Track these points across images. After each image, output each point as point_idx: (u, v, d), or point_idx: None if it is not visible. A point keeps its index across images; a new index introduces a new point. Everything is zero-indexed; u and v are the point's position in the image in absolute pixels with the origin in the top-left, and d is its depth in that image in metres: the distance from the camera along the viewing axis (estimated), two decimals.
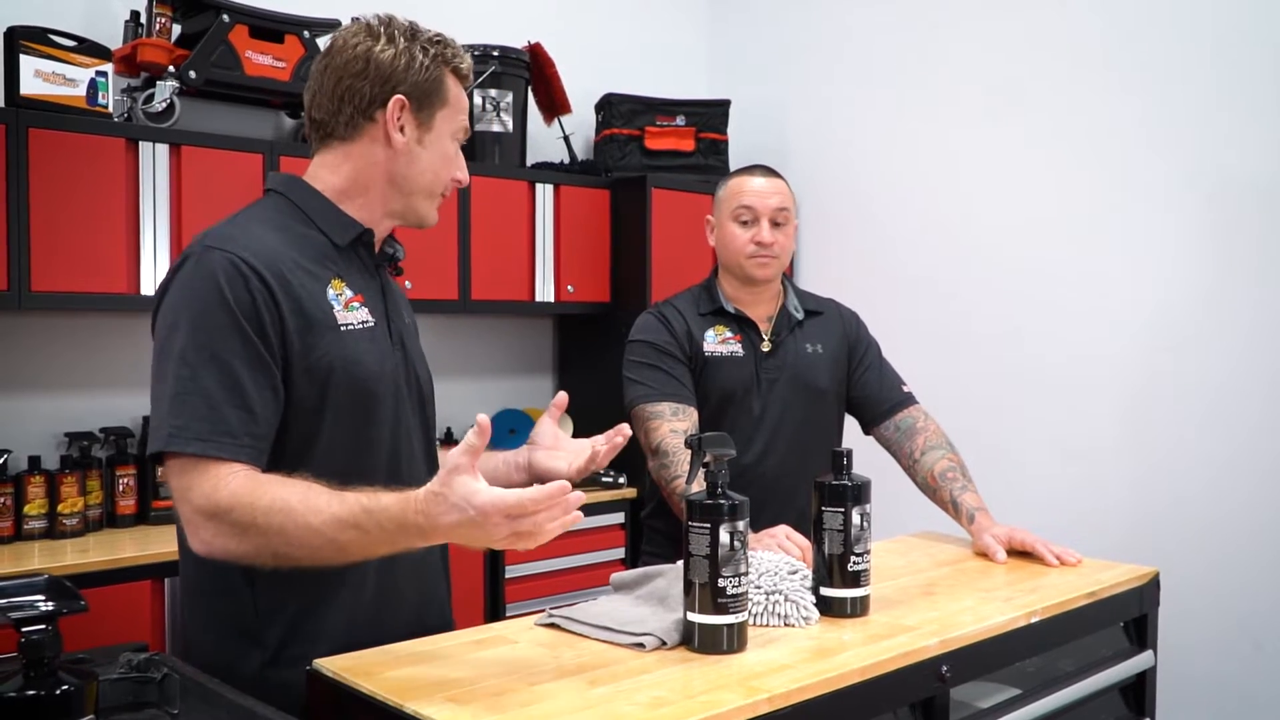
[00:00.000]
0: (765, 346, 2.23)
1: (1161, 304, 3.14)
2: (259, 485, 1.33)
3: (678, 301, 2.28)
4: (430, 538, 1.25)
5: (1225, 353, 3.02)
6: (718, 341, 2.20)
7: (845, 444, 2.28)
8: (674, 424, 2.09)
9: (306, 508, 1.29)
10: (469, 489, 1.20)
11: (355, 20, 1.56)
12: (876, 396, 2.26)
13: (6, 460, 2.69)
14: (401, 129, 1.51)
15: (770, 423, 2.19)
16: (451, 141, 1.57)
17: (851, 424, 2.33)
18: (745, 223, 2.20)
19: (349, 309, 1.49)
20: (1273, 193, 2.94)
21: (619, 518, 3.58)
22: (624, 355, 2.23)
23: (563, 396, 1.66)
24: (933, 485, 2.13)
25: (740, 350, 2.21)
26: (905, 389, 2.28)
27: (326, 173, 1.55)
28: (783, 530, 1.85)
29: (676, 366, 2.17)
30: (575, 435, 3.86)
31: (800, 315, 2.27)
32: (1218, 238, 3.04)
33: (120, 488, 2.84)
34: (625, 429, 1.60)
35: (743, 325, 2.23)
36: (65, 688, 1.00)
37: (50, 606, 1.02)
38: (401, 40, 1.51)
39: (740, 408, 2.19)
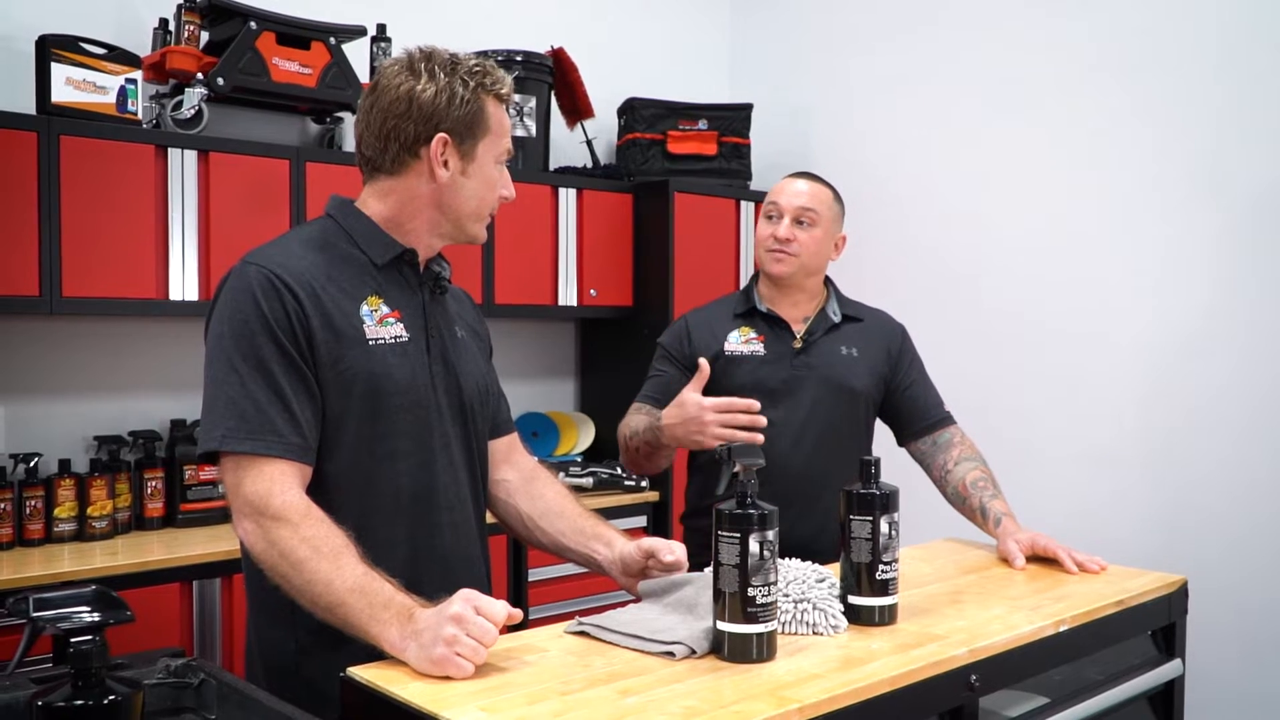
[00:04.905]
0: (797, 344, 2.26)
1: (1185, 308, 3.13)
2: (309, 517, 1.43)
3: (710, 306, 2.39)
4: (403, 621, 1.35)
5: (1252, 356, 3.00)
6: (740, 341, 2.27)
7: (875, 453, 2.32)
8: (635, 417, 2.22)
9: (333, 561, 1.39)
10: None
11: (397, 58, 1.60)
12: (920, 411, 2.29)
13: (37, 463, 2.72)
14: (445, 164, 1.57)
15: (798, 421, 2.22)
16: (495, 165, 1.63)
17: (881, 434, 2.34)
18: (770, 218, 2.28)
19: (382, 325, 1.56)
20: None
21: (641, 520, 3.59)
22: None
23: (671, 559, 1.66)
24: (963, 494, 2.15)
25: (762, 349, 2.26)
26: (946, 408, 2.31)
27: (375, 201, 1.62)
28: None
29: (670, 371, 2.29)
30: (596, 437, 3.89)
31: (837, 319, 2.30)
32: (1244, 241, 3.02)
33: (148, 491, 2.86)
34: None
35: (774, 325, 2.28)
36: (113, 697, 1.02)
37: (98, 617, 1.04)
38: (442, 76, 1.55)
39: (768, 404, 2.21)
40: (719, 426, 1.88)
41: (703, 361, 1.98)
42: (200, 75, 2.88)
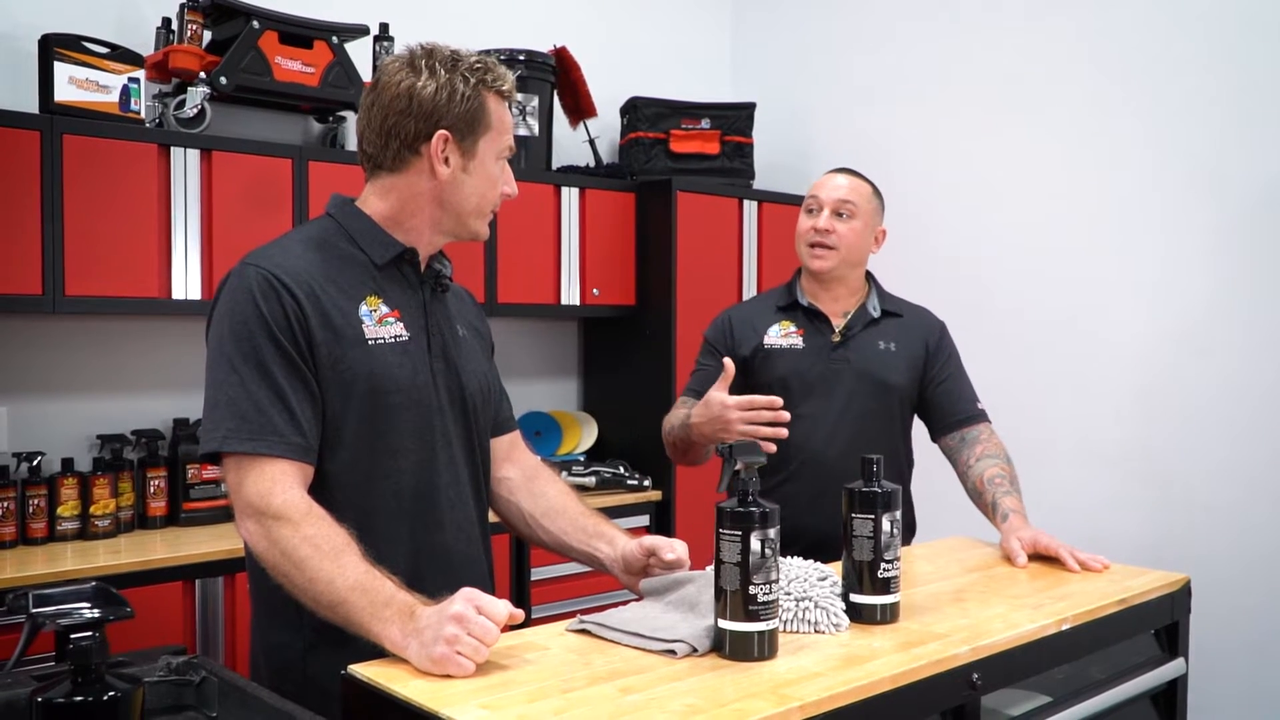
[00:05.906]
0: (835, 339, 2.29)
1: (1185, 307, 3.13)
2: (310, 515, 1.43)
3: (752, 301, 2.48)
4: (404, 619, 1.35)
5: (1252, 355, 2.99)
6: (780, 335, 2.32)
7: (914, 449, 2.35)
8: (676, 411, 2.25)
9: (335, 560, 1.39)
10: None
11: (399, 55, 1.60)
12: (952, 406, 2.30)
13: (40, 462, 2.73)
14: (446, 160, 1.57)
15: (834, 412, 2.25)
16: (496, 161, 1.62)
17: (920, 430, 2.36)
18: (810, 211, 2.32)
19: (382, 324, 1.56)
20: None
21: (644, 519, 3.59)
22: None
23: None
24: (979, 490, 2.16)
25: (801, 343, 2.30)
26: (979, 405, 2.32)
27: (376, 199, 1.62)
28: None
29: (713, 364, 2.29)
30: (599, 437, 3.89)
31: (876, 314, 2.33)
32: (1243, 240, 3.02)
33: (151, 489, 2.86)
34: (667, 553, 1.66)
35: (814, 318, 2.31)
36: (113, 694, 1.02)
37: (98, 613, 1.04)
38: (443, 72, 1.55)
39: (805, 396, 2.27)
40: (742, 425, 1.89)
41: (728, 362, 2.00)
42: (203, 74, 2.88)
